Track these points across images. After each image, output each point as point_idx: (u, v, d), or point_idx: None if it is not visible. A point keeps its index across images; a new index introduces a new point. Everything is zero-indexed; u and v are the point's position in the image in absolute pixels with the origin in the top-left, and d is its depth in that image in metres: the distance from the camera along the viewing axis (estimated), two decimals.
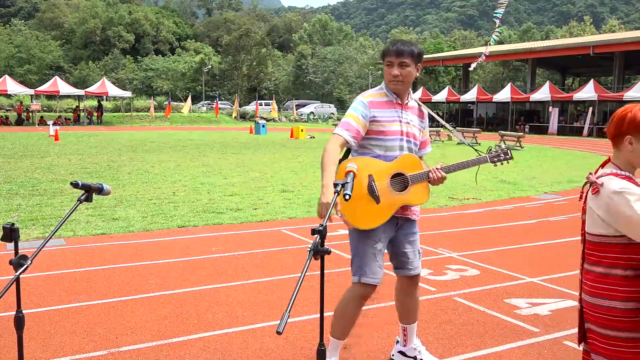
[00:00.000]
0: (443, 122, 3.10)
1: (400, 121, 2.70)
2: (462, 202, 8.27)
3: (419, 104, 2.83)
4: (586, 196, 1.91)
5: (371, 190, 2.59)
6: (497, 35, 17.65)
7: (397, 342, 3.01)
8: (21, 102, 36.13)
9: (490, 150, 2.82)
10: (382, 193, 2.61)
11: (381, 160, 2.65)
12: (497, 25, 17.28)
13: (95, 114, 36.74)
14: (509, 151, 2.78)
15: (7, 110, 36.15)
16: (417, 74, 2.70)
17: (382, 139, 2.66)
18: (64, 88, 35.16)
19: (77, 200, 2.19)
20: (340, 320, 2.72)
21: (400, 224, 2.75)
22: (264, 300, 3.86)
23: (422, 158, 2.87)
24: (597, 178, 1.83)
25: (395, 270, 2.85)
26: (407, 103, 2.74)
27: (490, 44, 19.21)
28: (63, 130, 24.42)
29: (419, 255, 2.85)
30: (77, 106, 37.77)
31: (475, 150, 2.88)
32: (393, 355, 3.00)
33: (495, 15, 16.04)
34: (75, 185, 2.15)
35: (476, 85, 39.25)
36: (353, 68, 59.62)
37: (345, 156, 2.75)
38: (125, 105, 41.36)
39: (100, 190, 2.23)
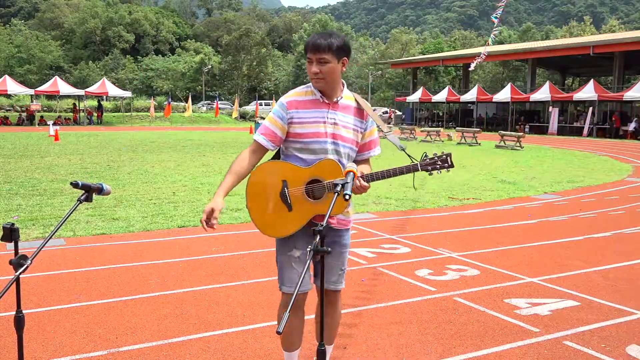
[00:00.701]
0: (379, 123, 2.70)
1: (325, 122, 2.45)
2: (462, 202, 8.27)
3: (357, 102, 2.56)
4: None
5: (283, 197, 2.42)
6: (495, 36, 17.71)
7: None
8: (31, 103, 36.20)
9: (425, 156, 2.50)
10: (295, 200, 2.42)
11: (301, 164, 2.45)
12: (495, 26, 17.35)
13: (95, 114, 36.76)
14: (448, 158, 2.46)
15: (7, 110, 36.12)
16: (343, 69, 2.45)
17: (303, 141, 2.44)
18: (64, 88, 35.16)
19: (77, 200, 2.19)
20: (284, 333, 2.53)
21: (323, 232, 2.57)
22: (264, 301, 3.86)
23: (368, 161, 2.64)
24: None
25: (313, 280, 2.61)
26: (336, 101, 2.47)
27: (488, 44, 19.25)
28: (63, 130, 24.43)
29: (341, 270, 2.60)
30: (74, 104, 37.72)
31: (409, 157, 2.54)
32: None
33: (494, 16, 16.11)
34: (75, 185, 2.15)
35: (476, 85, 39.25)
36: (353, 68, 59.61)
37: (276, 157, 2.59)
38: (125, 105, 41.36)
39: (100, 190, 2.23)
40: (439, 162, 2.46)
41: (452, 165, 2.48)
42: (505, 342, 3.22)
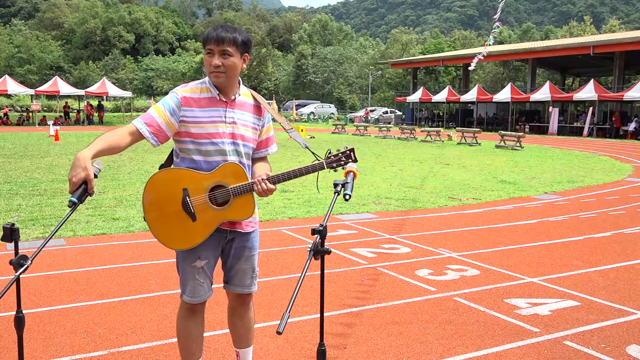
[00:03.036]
0: (281, 121, 2.60)
1: (225, 121, 2.32)
2: (462, 202, 8.27)
3: (255, 98, 2.44)
4: None
5: (186, 206, 2.27)
6: (494, 37, 17.80)
7: None
8: (89, 103, 36.30)
9: (329, 153, 2.40)
10: (199, 209, 2.28)
11: (200, 169, 2.31)
12: (493, 28, 17.43)
13: (97, 114, 36.79)
14: (352, 154, 2.38)
15: (7, 110, 36.16)
16: (244, 66, 2.34)
17: (200, 142, 2.29)
18: (64, 88, 35.20)
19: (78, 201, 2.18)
20: (178, 340, 2.50)
21: (229, 237, 2.43)
22: (263, 301, 3.85)
23: (265, 159, 2.54)
24: None
25: (224, 285, 2.54)
26: (234, 99, 2.35)
27: (487, 44, 19.31)
28: (63, 130, 24.43)
29: (253, 272, 2.54)
30: (66, 103, 37.72)
31: (314, 155, 2.44)
32: None
33: (494, 19, 16.19)
34: (73, 204, 2.07)
35: (476, 85, 39.25)
36: (353, 68, 59.61)
37: (168, 165, 2.46)
38: (125, 105, 41.39)
39: (90, 193, 2.18)
40: (343, 158, 2.38)
41: (355, 160, 2.39)
42: (505, 342, 3.22)
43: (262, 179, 2.30)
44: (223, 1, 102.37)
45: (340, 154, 2.38)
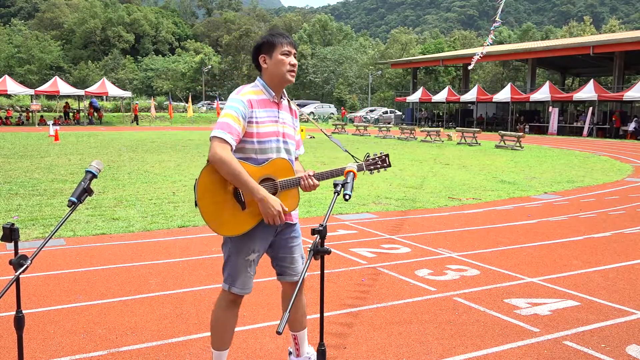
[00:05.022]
0: (320, 126, 2.98)
1: (277, 121, 2.52)
2: (461, 202, 8.27)
3: (289, 102, 2.67)
4: None
5: (237, 195, 2.40)
6: (492, 38, 17.86)
7: (290, 353, 2.85)
8: (137, 103, 36.55)
9: (367, 157, 2.62)
10: (249, 199, 2.40)
11: (252, 163, 2.45)
12: (492, 28, 17.48)
13: (96, 114, 36.80)
14: (387, 159, 2.60)
15: (11, 113, 36.15)
16: None
17: (259, 141, 2.45)
18: (64, 88, 35.22)
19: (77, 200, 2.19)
20: (216, 331, 2.58)
21: (279, 229, 2.58)
22: (264, 301, 3.86)
23: (297, 159, 2.71)
24: None
25: (277, 277, 2.69)
26: (281, 100, 2.58)
27: (486, 45, 19.38)
28: (63, 130, 24.43)
29: (302, 259, 2.69)
30: (66, 104, 37.75)
31: (353, 156, 2.69)
32: None
33: (494, 20, 16.25)
34: (73, 203, 2.14)
35: (476, 85, 39.29)
36: (353, 68, 59.65)
37: None
38: (125, 105, 41.41)
39: (91, 191, 2.23)
40: (379, 162, 2.60)
41: (389, 165, 2.61)
42: (505, 342, 3.22)
43: (309, 175, 2.50)
44: (223, 1, 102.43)
45: (377, 158, 2.60)
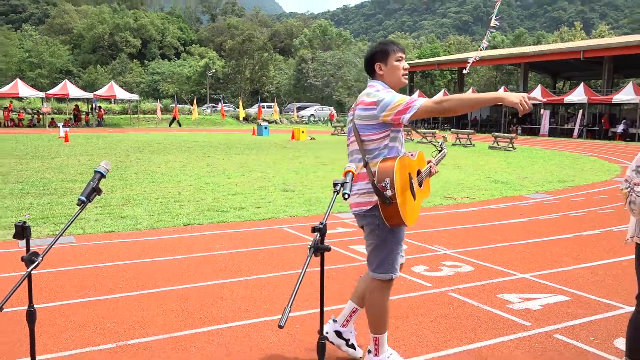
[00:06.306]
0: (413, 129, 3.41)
1: None
2: (456, 201, 8.36)
3: None
4: None
5: (411, 188, 2.68)
6: (487, 42, 17.96)
7: (335, 321, 2.97)
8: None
9: (441, 144, 3.20)
10: (417, 190, 2.74)
11: (395, 154, 2.68)
12: (486, 36, 17.59)
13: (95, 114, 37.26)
14: (442, 144, 3.21)
15: (22, 116, 36.56)
16: None
17: (398, 130, 2.71)
18: (74, 91, 35.58)
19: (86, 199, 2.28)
20: (382, 317, 2.75)
21: None
22: (266, 296, 3.95)
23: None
24: None
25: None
26: None
27: (480, 49, 19.49)
28: (73, 132, 24.68)
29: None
30: (76, 106, 38.12)
31: (435, 146, 3.22)
32: (327, 332, 2.94)
33: (490, 27, 16.35)
34: (82, 202, 2.17)
35: (470, 89, 39.44)
36: (352, 72, 59.63)
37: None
38: (132, 107, 41.73)
39: (99, 191, 2.30)
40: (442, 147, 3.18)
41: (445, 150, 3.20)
42: (498, 335, 3.30)
43: (434, 164, 2.92)
44: (226, 7, 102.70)
45: (441, 143, 3.20)
